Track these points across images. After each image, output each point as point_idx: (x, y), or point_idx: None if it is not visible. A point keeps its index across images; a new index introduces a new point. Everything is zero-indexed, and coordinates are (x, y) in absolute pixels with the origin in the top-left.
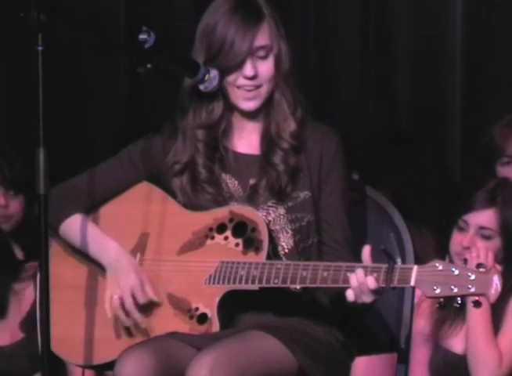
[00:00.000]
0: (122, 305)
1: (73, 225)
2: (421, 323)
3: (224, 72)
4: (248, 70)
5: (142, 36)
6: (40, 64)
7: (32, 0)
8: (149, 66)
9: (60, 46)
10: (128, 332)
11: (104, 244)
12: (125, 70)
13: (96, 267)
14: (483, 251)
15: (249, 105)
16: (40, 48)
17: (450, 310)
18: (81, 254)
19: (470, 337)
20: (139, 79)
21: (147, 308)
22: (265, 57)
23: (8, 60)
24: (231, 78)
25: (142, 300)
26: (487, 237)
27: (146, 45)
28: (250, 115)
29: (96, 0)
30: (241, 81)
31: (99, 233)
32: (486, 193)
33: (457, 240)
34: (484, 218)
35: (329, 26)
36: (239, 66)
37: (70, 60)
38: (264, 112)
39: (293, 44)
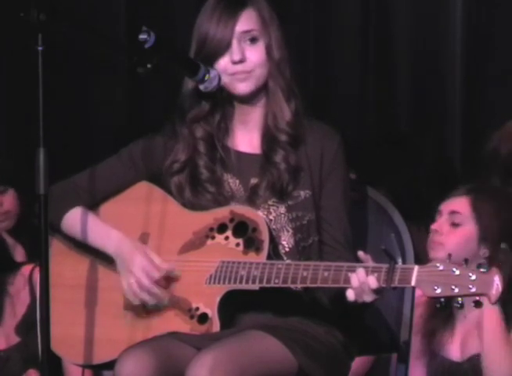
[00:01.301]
0: (141, 286)
1: (74, 219)
2: (412, 337)
3: (213, 60)
4: (235, 53)
5: (142, 36)
6: (40, 64)
7: (32, 0)
8: (149, 66)
9: (60, 46)
10: (154, 309)
11: (106, 234)
12: (125, 70)
13: (97, 266)
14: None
15: (243, 87)
16: (40, 48)
17: (439, 320)
18: (82, 252)
19: (486, 337)
20: (139, 79)
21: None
22: (253, 42)
23: (8, 60)
24: (221, 66)
25: (156, 275)
26: (456, 225)
27: (146, 45)
28: (249, 103)
29: (96, 0)
30: (231, 68)
31: (100, 223)
32: (466, 186)
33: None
34: (455, 203)
35: (330, 26)
36: (225, 50)
37: (70, 60)
38: (262, 104)
39: (293, 44)
